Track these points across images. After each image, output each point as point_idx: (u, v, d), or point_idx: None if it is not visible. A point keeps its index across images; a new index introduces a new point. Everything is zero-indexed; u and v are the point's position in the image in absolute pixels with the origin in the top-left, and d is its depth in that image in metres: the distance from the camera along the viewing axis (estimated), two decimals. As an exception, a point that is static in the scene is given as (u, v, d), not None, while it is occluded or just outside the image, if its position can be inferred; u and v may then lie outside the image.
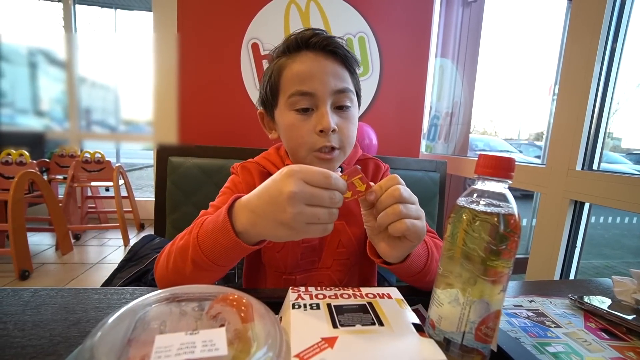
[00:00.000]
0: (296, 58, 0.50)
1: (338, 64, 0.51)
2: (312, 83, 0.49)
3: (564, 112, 1.01)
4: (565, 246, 1.02)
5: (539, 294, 0.56)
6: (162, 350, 0.21)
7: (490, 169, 0.28)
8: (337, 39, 0.52)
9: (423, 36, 1.43)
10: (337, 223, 0.56)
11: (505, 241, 0.28)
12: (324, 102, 0.49)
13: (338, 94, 0.50)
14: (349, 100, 0.52)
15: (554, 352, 0.40)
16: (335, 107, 0.51)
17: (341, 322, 0.28)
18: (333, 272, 0.58)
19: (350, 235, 0.57)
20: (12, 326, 0.37)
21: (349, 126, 0.52)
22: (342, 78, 0.51)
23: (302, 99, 0.49)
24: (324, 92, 0.49)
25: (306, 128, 0.50)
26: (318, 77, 0.49)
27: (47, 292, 0.45)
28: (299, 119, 0.50)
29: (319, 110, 0.50)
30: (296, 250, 0.55)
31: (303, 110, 0.50)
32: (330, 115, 0.49)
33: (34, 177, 1.91)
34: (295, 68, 0.50)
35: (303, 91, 0.49)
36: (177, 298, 0.27)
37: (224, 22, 1.28)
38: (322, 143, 0.50)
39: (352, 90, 0.52)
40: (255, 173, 0.57)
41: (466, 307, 0.29)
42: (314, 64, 0.49)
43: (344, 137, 0.51)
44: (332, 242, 0.57)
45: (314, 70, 0.49)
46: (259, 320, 0.26)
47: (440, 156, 1.80)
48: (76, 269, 2.03)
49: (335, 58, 0.51)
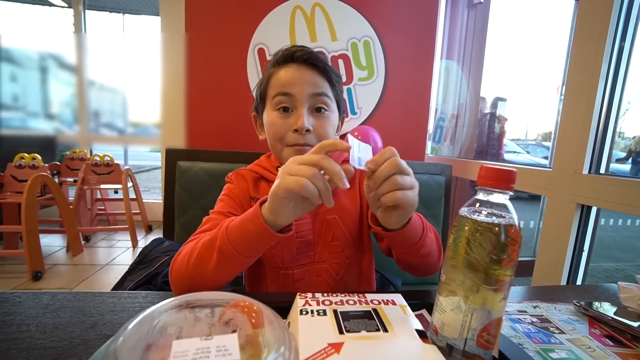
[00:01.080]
0: (282, 68, 0.59)
1: (317, 74, 0.59)
2: (292, 87, 0.57)
3: (571, 114, 1.01)
4: (572, 250, 1.01)
5: (544, 300, 0.56)
6: (179, 355, 0.23)
7: (491, 181, 0.29)
8: (318, 54, 0.60)
9: (428, 38, 1.43)
10: (330, 217, 0.60)
11: (506, 250, 0.29)
12: (302, 103, 0.57)
13: (315, 97, 0.57)
14: (325, 104, 0.59)
15: (557, 358, 0.41)
16: (313, 109, 0.58)
17: (347, 328, 0.29)
18: (330, 265, 0.60)
19: (344, 229, 0.61)
20: (34, 328, 0.39)
21: (324, 127, 0.58)
22: (319, 85, 0.58)
23: (283, 99, 0.57)
24: (302, 94, 0.57)
25: (284, 126, 0.57)
26: (298, 83, 0.57)
27: (64, 296, 0.47)
28: (278, 117, 0.58)
29: (296, 111, 0.57)
30: (291, 245, 0.58)
31: (283, 109, 0.58)
32: (306, 117, 0.56)
33: (46, 180, 1.96)
34: (280, 75, 0.58)
35: (284, 92, 0.57)
36: (191, 305, 0.29)
37: (231, 28, 1.30)
38: (296, 140, 0.57)
39: (329, 97, 0.59)
40: (249, 178, 0.63)
41: (468, 315, 0.30)
42: (295, 72, 0.58)
43: (319, 136, 0.57)
44: (326, 236, 0.60)
45: (295, 77, 0.57)
46: (268, 326, 0.27)
47: (446, 159, 1.79)
48: (87, 270, 2.07)
49: (316, 69, 0.59)
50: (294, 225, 0.46)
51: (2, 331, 0.38)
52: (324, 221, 0.60)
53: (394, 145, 1.20)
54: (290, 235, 0.56)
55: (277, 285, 0.60)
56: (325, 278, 0.60)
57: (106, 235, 2.75)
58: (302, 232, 0.59)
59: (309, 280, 0.60)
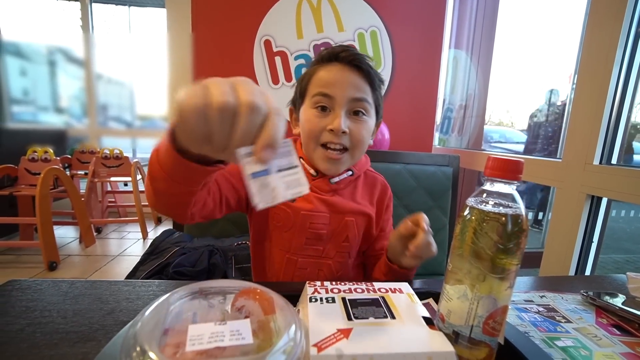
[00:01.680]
0: (325, 67, 0.58)
1: (360, 78, 0.57)
2: (333, 88, 0.56)
3: (582, 103, 0.99)
4: (581, 242, 1.01)
5: (551, 290, 0.57)
6: (195, 338, 0.24)
7: (498, 171, 0.30)
8: (365, 57, 0.58)
9: (436, 28, 1.41)
10: (349, 220, 0.61)
11: (512, 240, 0.29)
12: (340, 106, 0.56)
13: (355, 101, 0.56)
14: (364, 109, 0.58)
15: (563, 346, 0.41)
16: (351, 112, 0.57)
17: (355, 315, 0.30)
18: (333, 262, 0.62)
19: (356, 233, 0.62)
20: (55, 314, 0.41)
21: (360, 130, 0.57)
22: (361, 89, 0.57)
23: (322, 99, 0.57)
24: (341, 97, 0.56)
25: (320, 124, 0.57)
26: (339, 84, 0.56)
27: (82, 284, 0.49)
28: (316, 115, 0.57)
29: (334, 112, 0.56)
30: (302, 234, 0.60)
31: (322, 108, 0.57)
32: (343, 119, 0.55)
33: (58, 173, 2.01)
34: (323, 74, 0.57)
35: (324, 93, 0.56)
36: (204, 292, 0.30)
37: (237, 19, 1.29)
38: (330, 140, 0.56)
39: (369, 102, 0.58)
40: None
41: (474, 302, 0.30)
42: (338, 73, 0.57)
43: (354, 139, 0.57)
44: (340, 235, 0.61)
45: (337, 78, 0.56)
46: (279, 312, 0.28)
47: (454, 150, 1.78)
48: (99, 260, 2.13)
49: (359, 72, 0.57)
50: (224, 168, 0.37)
51: (27, 316, 0.40)
52: (342, 221, 0.61)
53: (401, 137, 1.21)
54: (303, 224, 0.59)
55: (279, 268, 0.61)
56: (326, 273, 0.62)
57: (117, 226, 2.81)
58: (316, 225, 0.60)
59: (310, 271, 0.61)
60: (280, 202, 0.29)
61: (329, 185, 0.61)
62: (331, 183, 0.61)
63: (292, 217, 0.59)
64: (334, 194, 0.62)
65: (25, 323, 0.38)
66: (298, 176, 0.31)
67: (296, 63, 1.33)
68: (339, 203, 0.61)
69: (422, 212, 0.51)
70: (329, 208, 0.60)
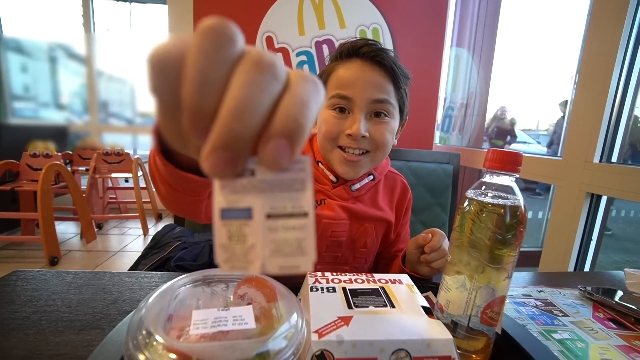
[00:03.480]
0: (345, 64, 0.53)
1: (383, 76, 0.52)
2: (352, 89, 0.52)
3: (583, 101, 0.99)
4: (580, 240, 1.01)
5: (549, 285, 0.57)
6: (199, 323, 0.24)
7: (498, 163, 0.30)
8: (388, 51, 0.53)
9: (438, 26, 1.40)
10: (369, 226, 0.59)
11: (511, 231, 0.29)
12: (360, 108, 0.52)
13: (375, 103, 0.52)
14: (386, 111, 0.53)
15: (560, 338, 0.42)
16: (372, 115, 0.53)
17: (355, 304, 0.31)
18: (351, 268, 0.62)
19: (374, 239, 0.61)
20: (60, 303, 0.41)
21: (382, 132, 0.53)
22: (383, 89, 0.52)
23: (340, 101, 0.53)
24: (361, 99, 0.52)
25: (338, 126, 0.53)
26: (359, 85, 0.52)
27: (85, 275, 0.50)
28: (334, 117, 0.54)
29: (353, 114, 0.52)
30: (322, 242, 0.57)
31: (340, 110, 0.53)
32: (363, 123, 0.51)
33: (60, 169, 2.01)
34: (341, 73, 0.53)
35: (342, 95, 0.52)
36: (207, 280, 0.31)
37: (239, 15, 1.30)
38: (346, 144, 0.53)
39: (391, 103, 0.53)
40: None
41: (473, 292, 0.31)
42: (358, 72, 0.52)
43: (376, 142, 0.53)
44: (358, 242, 0.60)
45: (357, 78, 0.52)
46: (281, 300, 0.28)
47: (454, 148, 1.78)
48: (100, 256, 2.14)
49: (382, 69, 0.52)
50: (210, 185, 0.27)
51: (32, 304, 0.40)
52: (361, 228, 0.59)
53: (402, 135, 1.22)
54: (324, 232, 0.56)
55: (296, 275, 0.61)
56: None
57: (118, 222, 2.82)
58: (337, 232, 0.57)
59: None
60: (256, 274, 0.20)
61: (349, 193, 0.58)
62: (352, 191, 0.58)
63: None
64: (355, 200, 0.59)
65: (31, 311, 0.39)
66: (303, 235, 0.17)
67: (298, 60, 1.33)
68: (360, 210, 0.58)
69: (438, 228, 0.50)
70: (350, 215, 0.58)
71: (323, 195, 0.58)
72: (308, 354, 0.25)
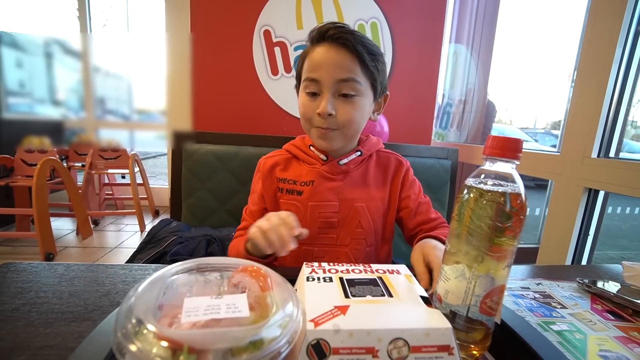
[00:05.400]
0: (315, 48, 0.58)
1: (347, 56, 0.56)
2: (319, 71, 0.56)
3: (581, 97, 0.99)
4: (577, 234, 1.01)
5: (547, 278, 0.57)
6: (191, 310, 0.24)
7: (498, 150, 0.29)
8: (353, 33, 0.56)
9: (437, 22, 1.40)
10: (359, 205, 0.62)
11: (510, 219, 0.29)
12: (327, 88, 0.56)
13: (341, 82, 0.56)
14: (353, 89, 0.57)
15: (558, 330, 0.42)
16: (339, 94, 0.57)
17: (352, 293, 0.30)
18: (350, 250, 0.62)
19: (369, 218, 0.62)
20: (51, 295, 0.40)
21: (349, 110, 0.57)
22: (347, 69, 0.56)
23: (310, 84, 0.57)
24: (328, 80, 0.56)
25: (311, 108, 0.58)
26: (325, 67, 0.56)
27: (78, 267, 0.49)
28: (308, 100, 0.59)
29: (322, 95, 0.57)
30: (314, 224, 0.61)
31: (312, 94, 0.58)
32: (329, 102, 0.56)
33: (55, 164, 1.99)
34: (312, 56, 0.58)
35: (311, 77, 0.57)
36: (201, 268, 0.30)
37: (237, 9, 1.28)
38: (319, 124, 0.58)
39: (358, 81, 0.57)
40: (280, 162, 0.66)
41: (472, 282, 0.30)
42: (324, 55, 0.56)
43: (341, 120, 0.57)
44: (351, 222, 0.62)
45: (323, 61, 0.56)
46: (276, 289, 0.28)
47: (453, 144, 1.78)
48: (96, 252, 2.12)
49: (346, 50, 0.56)
50: (276, 257, 0.56)
51: (22, 296, 0.39)
52: (352, 208, 0.62)
53: (400, 131, 1.23)
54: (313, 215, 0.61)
55: (298, 260, 0.62)
56: (344, 261, 0.61)
57: (114, 219, 2.80)
58: (326, 214, 0.61)
59: (328, 259, 0.61)
60: None
61: (338, 167, 0.62)
62: (340, 165, 0.62)
63: (301, 209, 0.61)
64: (345, 176, 0.62)
65: (21, 303, 0.38)
66: None
67: (296, 54, 1.32)
68: (346, 190, 0.62)
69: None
70: (338, 196, 0.61)
71: (313, 175, 0.62)
72: (304, 343, 0.25)
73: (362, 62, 0.56)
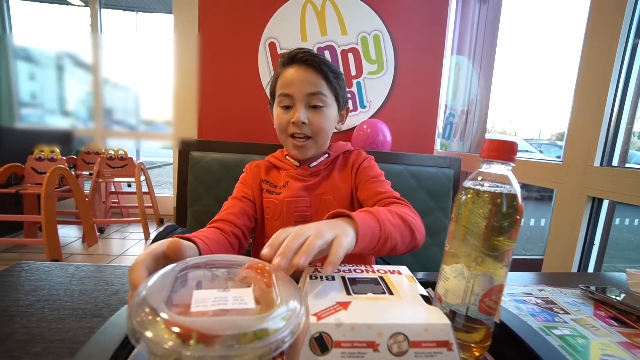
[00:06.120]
0: (286, 69, 0.67)
1: (315, 74, 0.66)
2: (292, 87, 0.65)
3: (582, 107, 1.00)
4: (582, 244, 1.01)
5: (550, 284, 0.57)
6: (200, 301, 0.25)
7: (494, 152, 0.31)
8: (318, 56, 0.67)
9: (438, 33, 1.43)
10: (326, 198, 0.69)
11: (507, 219, 0.30)
12: (299, 101, 0.65)
13: (310, 96, 0.65)
14: (321, 101, 0.66)
15: (560, 334, 0.42)
16: (310, 106, 0.66)
17: (354, 290, 0.31)
18: None
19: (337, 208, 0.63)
20: (62, 293, 0.42)
21: (319, 120, 0.66)
22: (315, 84, 0.65)
23: (284, 98, 0.66)
24: (299, 93, 0.65)
25: (286, 119, 0.67)
26: (296, 83, 0.65)
27: (88, 267, 0.50)
28: (282, 112, 0.68)
29: (295, 107, 0.66)
30: (290, 219, 0.67)
31: (286, 107, 0.67)
32: (302, 112, 0.65)
33: (64, 173, 2.03)
34: (283, 77, 0.67)
35: (285, 93, 0.66)
36: (209, 264, 0.31)
37: (243, 22, 1.32)
38: (294, 130, 0.66)
39: (324, 94, 0.66)
40: (263, 167, 0.75)
41: (470, 281, 0.31)
42: (295, 74, 0.66)
43: (314, 128, 0.66)
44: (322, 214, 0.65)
45: (294, 78, 0.65)
46: (281, 285, 0.29)
47: (456, 154, 1.79)
48: (101, 259, 2.14)
49: (313, 70, 0.66)
50: None
51: (35, 293, 0.41)
52: (321, 200, 0.69)
53: (403, 140, 1.25)
54: (289, 210, 0.68)
55: None
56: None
57: (119, 227, 2.83)
58: (300, 208, 0.68)
59: None
60: None
61: (308, 170, 0.71)
62: (310, 167, 0.71)
63: (279, 206, 0.68)
64: (315, 177, 0.71)
65: (34, 300, 0.39)
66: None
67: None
68: (315, 185, 0.70)
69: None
70: (308, 192, 0.69)
71: (287, 178, 0.71)
72: (306, 336, 0.26)
73: (326, 79, 0.66)
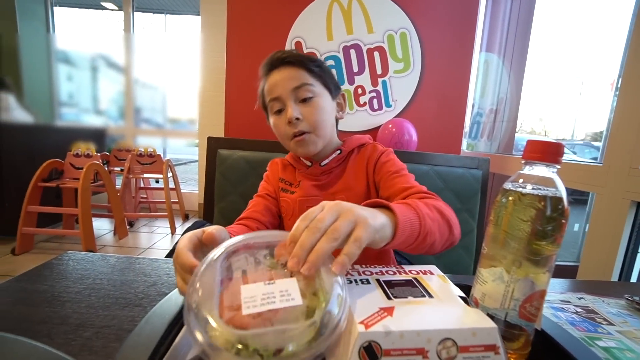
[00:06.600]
0: (268, 77, 0.66)
1: (295, 69, 0.64)
2: (277, 89, 0.64)
3: (627, 105, 0.94)
4: (624, 252, 0.95)
5: (590, 293, 0.54)
6: (249, 300, 0.26)
7: (538, 154, 0.29)
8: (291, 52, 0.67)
9: (467, 30, 1.39)
10: (339, 196, 0.66)
11: (552, 223, 0.29)
12: (288, 98, 0.63)
13: (296, 89, 0.63)
14: (309, 92, 0.64)
15: (605, 346, 0.40)
16: (300, 101, 0.64)
17: (394, 295, 0.31)
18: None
19: None
20: (106, 282, 0.44)
21: (313, 111, 0.64)
22: (297, 78, 0.64)
23: (275, 103, 0.65)
24: (285, 91, 0.63)
25: (282, 123, 0.65)
26: (280, 84, 0.64)
27: (127, 259, 0.53)
28: (277, 119, 0.66)
29: (286, 106, 0.64)
30: None
31: (278, 112, 0.65)
32: (293, 108, 0.63)
33: (99, 169, 2.15)
34: (268, 83, 0.66)
35: (273, 97, 0.65)
36: (249, 246, 0.32)
37: (270, 22, 1.34)
38: (292, 131, 0.64)
39: (310, 84, 0.64)
40: (281, 165, 0.77)
41: (510, 285, 0.30)
42: (276, 76, 0.65)
43: (310, 121, 0.64)
44: None
45: (277, 80, 0.64)
46: (323, 270, 0.29)
47: (483, 154, 1.73)
48: (131, 252, 2.24)
49: (290, 65, 0.65)
50: None
51: (82, 282, 0.43)
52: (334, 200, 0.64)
53: (429, 139, 1.22)
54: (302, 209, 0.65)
55: None
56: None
57: (147, 221, 2.95)
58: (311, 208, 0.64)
59: None
60: None
61: (320, 169, 0.69)
62: (321, 166, 0.69)
63: (291, 205, 0.69)
64: (328, 175, 0.69)
65: (82, 287, 0.42)
66: None
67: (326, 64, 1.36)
68: (327, 184, 0.69)
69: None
70: (321, 191, 0.68)
71: (301, 177, 0.71)
72: (355, 346, 0.25)
73: (307, 69, 0.65)
